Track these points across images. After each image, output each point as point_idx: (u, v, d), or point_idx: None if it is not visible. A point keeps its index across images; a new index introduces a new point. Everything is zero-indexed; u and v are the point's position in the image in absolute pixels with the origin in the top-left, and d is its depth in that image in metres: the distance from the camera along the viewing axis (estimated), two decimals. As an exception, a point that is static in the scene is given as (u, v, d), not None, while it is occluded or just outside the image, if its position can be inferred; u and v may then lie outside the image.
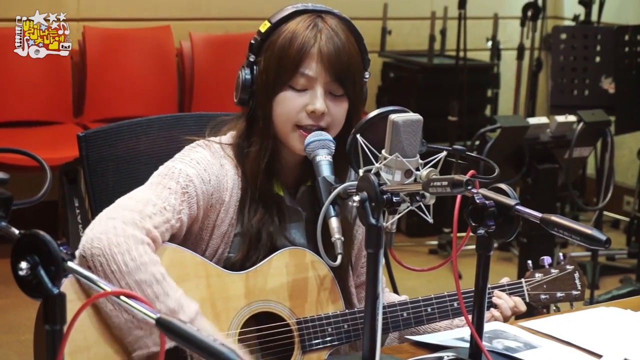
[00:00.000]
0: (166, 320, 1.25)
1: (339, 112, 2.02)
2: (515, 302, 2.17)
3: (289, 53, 1.99)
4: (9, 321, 4.31)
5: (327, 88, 2.01)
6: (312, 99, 2.00)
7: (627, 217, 5.94)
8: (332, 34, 2.00)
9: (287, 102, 2.00)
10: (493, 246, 1.83)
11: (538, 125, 3.92)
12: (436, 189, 1.60)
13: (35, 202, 1.65)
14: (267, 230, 2.03)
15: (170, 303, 1.83)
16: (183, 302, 1.85)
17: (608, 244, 1.64)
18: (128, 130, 2.27)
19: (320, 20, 2.02)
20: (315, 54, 1.99)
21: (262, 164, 2.03)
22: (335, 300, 2.05)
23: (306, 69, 1.99)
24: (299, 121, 2.00)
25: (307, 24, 2.01)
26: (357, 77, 2.04)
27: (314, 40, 1.99)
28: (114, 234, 1.84)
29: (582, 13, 5.99)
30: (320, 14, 2.03)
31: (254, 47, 2.04)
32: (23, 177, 3.70)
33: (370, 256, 1.67)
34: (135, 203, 1.92)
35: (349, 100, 2.03)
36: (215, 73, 5.31)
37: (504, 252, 5.47)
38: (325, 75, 1.99)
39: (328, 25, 2.01)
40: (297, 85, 2.00)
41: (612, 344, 2.05)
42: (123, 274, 1.81)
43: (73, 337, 1.72)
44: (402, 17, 6.21)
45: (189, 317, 1.83)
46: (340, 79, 2.00)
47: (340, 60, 1.99)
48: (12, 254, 1.31)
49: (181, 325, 1.24)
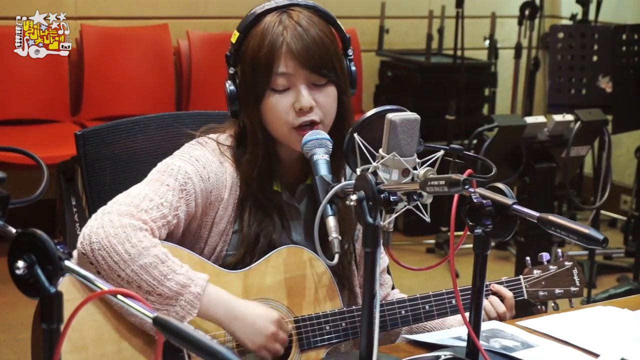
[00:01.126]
0: (163, 319, 1.25)
1: (328, 101, 2.01)
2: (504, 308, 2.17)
3: (260, 57, 1.98)
4: (6, 320, 4.31)
5: (308, 81, 2.00)
6: (296, 96, 1.99)
7: (624, 216, 5.94)
8: (297, 27, 1.98)
9: (274, 106, 2.00)
10: (490, 245, 1.83)
11: (535, 125, 3.92)
12: (434, 188, 1.60)
13: (33, 201, 1.65)
14: (266, 235, 2.04)
15: (180, 278, 1.85)
16: (192, 275, 1.87)
17: (605, 243, 1.64)
18: (125, 129, 2.27)
19: (286, 15, 2.00)
20: (284, 52, 1.98)
21: (254, 172, 2.03)
22: (333, 298, 2.05)
23: (280, 68, 1.98)
24: (292, 122, 2.00)
25: (273, 23, 1.99)
26: (335, 61, 2.02)
27: (282, 38, 1.97)
28: (110, 226, 1.85)
29: (580, 12, 5.99)
30: (284, 9, 2.02)
31: (230, 59, 2.04)
32: (20, 175, 3.71)
33: (368, 255, 1.67)
34: (131, 199, 1.93)
35: (335, 84, 2.03)
36: (212, 72, 5.30)
37: (502, 251, 5.47)
38: (302, 70, 1.98)
39: (293, 20, 1.99)
40: (278, 86, 1.99)
41: (610, 343, 2.05)
42: (127, 262, 1.82)
43: (70, 336, 1.72)
44: (400, 16, 6.21)
45: (201, 287, 1.86)
46: (317, 69, 1.99)
47: (311, 52, 1.98)
48: (9, 252, 1.31)
49: (178, 324, 1.24)
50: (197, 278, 1.87)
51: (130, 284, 1.83)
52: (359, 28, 5.71)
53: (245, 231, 2.03)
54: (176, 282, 1.85)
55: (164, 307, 1.84)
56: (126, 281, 1.83)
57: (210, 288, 1.89)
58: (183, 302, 1.85)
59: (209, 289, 1.88)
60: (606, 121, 4.14)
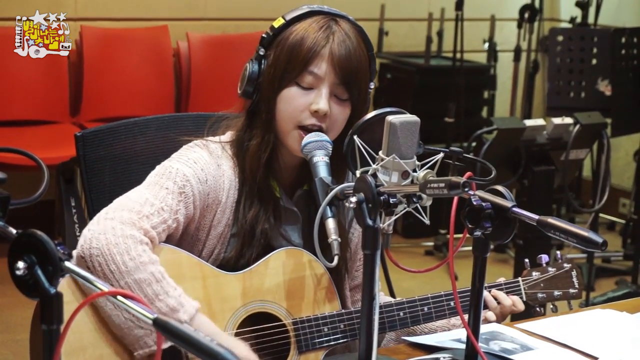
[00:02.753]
0: (163, 320, 1.25)
1: (340, 116, 2.02)
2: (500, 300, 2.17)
3: (300, 50, 1.99)
4: (6, 320, 4.31)
5: (333, 90, 2.01)
6: (316, 98, 2.00)
7: (623, 219, 5.94)
8: (345, 38, 2.01)
9: (292, 99, 2.01)
10: (489, 248, 1.83)
11: (534, 127, 3.92)
12: (433, 191, 1.60)
13: (33, 202, 1.65)
14: (261, 227, 2.03)
15: (171, 301, 1.84)
16: (183, 301, 1.85)
17: (604, 246, 1.64)
18: (125, 130, 2.27)
19: (334, 23, 2.03)
20: (326, 55, 1.99)
21: (262, 157, 2.03)
22: (332, 300, 2.05)
23: (315, 67, 1.99)
24: (301, 120, 2.00)
25: (321, 25, 2.01)
26: (363, 83, 2.04)
27: (326, 41, 2.00)
28: (112, 234, 1.84)
29: (579, 15, 5.99)
30: (334, 17, 2.04)
31: (265, 41, 2.04)
32: (20, 176, 3.70)
33: (367, 257, 1.67)
34: (133, 203, 1.92)
35: (352, 106, 2.04)
36: (212, 73, 5.30)
37: (500, 253, 5.47)
38: (333, 77, 2.00)
39: (342, 29, 2.02)
40: (304, 82, 2.00)
41: (608, 346, 2.05)
42: (122, 274, 1.82)
43: (69, 338, 1.72)
44: (399, 18, 6.21)
45: (189, 315, 1.84)
46: (347, 82, 2.01)
47: (350, 64, 2.00)
48: (9, 253, 1.31)
49: (178, 325, 1.24)
50: (187, 305, 1.86)
51: None
52: (358, 30, 5.70)
53: (240, 221, 2.03)
54: (166, 304, 1.83)
55: (148, 327, 1.82)
56: None
57: (198, 318, 1.87)
58: None
59: (197, 319, 1.86)
60: (605, 124, 4.14)
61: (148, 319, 1.26)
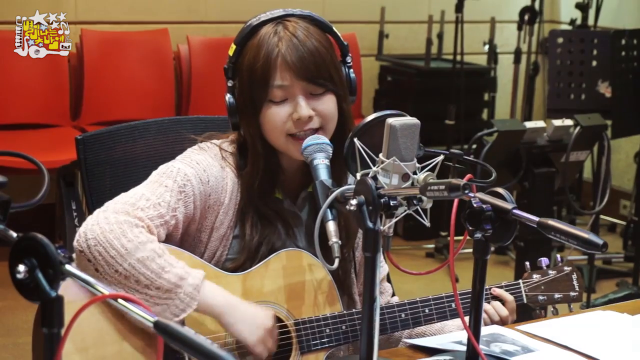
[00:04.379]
0: (164, 323, 1.25)
1: (327, 108, 2.02)
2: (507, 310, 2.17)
3: (256, 69, 1.98)
4: (6, 324, 4.31)
5: (306, 91, 2.00)
6: (295, 107, 1.99)
7: (623, 220, 5.94)
8: (292, 39, 1.98)
9: (272, 116, 2.00)
10: (490, 250, 1.84)
11: (535, 129, 3.92)
12: (433, 193, 1.60)
13: (34, 205, 1.65)
14: (268, 243, 2.04)
15: (177, 271, 1.86)
16: (188, 269, 1.88)
17: (605, 247, 1.64)
18: (125, 134, 2.27)
19: (281, 26, 2.00)
20: (280, 64, 1.98)
21: (255, 183, 2.03)
22: (333, 302, 2.05)
23: (277, 80, 1.98)
24: (289, 130, 2.00)
25: (268, 35, 2.00)
26: (332, 70, 2.02)
27: (277, 50, 1.97)
28: (106, 223, 1.86)
29: (579, 17, 5.99)
30: (280, 20, 2.02)
31: (228, 72, 2.04)
32: (21, 180, 3.70)
33: (368, 260, 1.67)
34: (128, 198, 1.94)
35: (334, 93, 2.03)
36: (212, 76, 5.30)
37: (501, 255, 5.47)
38: (298, 81, 1.99)
39: (288, 31, 1.99)
40: (276, 97, 1.99)
41: (609, 348, 2.05)
42: (124, 257, 1.83)
43: (71, 338, 1.72)
44: (400, 21, 6.21)
45: (199, 279, 1.87)
46: (314, 79, 1.99)
47: (306, 62, 1.98)
48: (9, 257, 1.31)
49: (179, 328, 1.24)
50: (194, 272, 1.89)
51: (128, 278, 1.83)
52: (358, 33, 5.71)
53: (247, 239, 2.03)
54: (174, 274, 1.85)
55: (164, 302, 1.85)
56: (124, 276, 1.83)
57: (207, 281, 1.90)
58: (182, 295, 1.85)
59: (207, 282, 1.90)
60: (605, 126, 4.15)
61: (149, 321, 1.26)
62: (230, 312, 1.90)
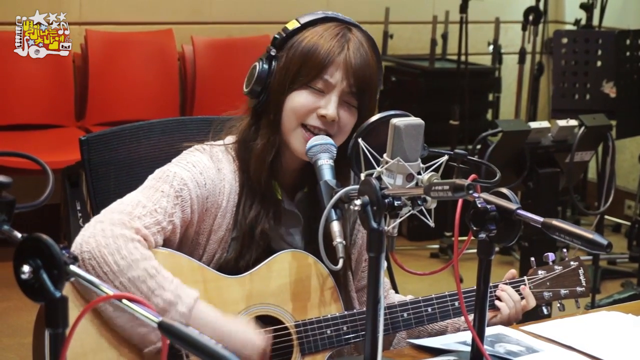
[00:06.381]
0: (168, 324, 1.25)
1: (348, 122, 2.03)
2: (524, 295, 2.16)
3: (315, 56, 2.00)
4: (12, 324, 4.31)
5: (342, 96, 2.01)
6: (326, 103, 2.00)
7: (628, 221, 5.94)
8: (359, 46, 2.02)
9: (301, 99, 2.01)
10: (494, 250, 1.83)
11: (539, 130, 3.92)
12: (438, 193, 1.60)
13: (38, 206, 1.65)
14: (260, 228, 2.03)
15: (167, 295, 1.84)
16: (180, 292, 1.85)
17: (609, 248, 1.64)
18: (130, 134, 2.27)
19: (349, 31, 2.04)
20: (341, 63, 2.00)
21: (268, 158, 2.03)
22: (336, 302, 2.05)
23: (328, 75, 2.00)
24: (306, 120, 2.00)
25: (336, 32, 2.02)
26: (373, 92, 2.05)
27: (341, 49, 2.00)
28: (102, 236, 1.85)
29: (584, 17, 5.99)
30: (348, 26, 2.05)
31: (277, 42, 2.04)
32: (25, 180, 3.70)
33: (372, 260, 1.68)
34: (124, 206, 1.93)
35: (359, 113, 2.04)
36: (217, 77, 5.31)
37: (505, 256, 5.47)
38: (345, 85, 2.00)
39: (356, 38, 2.03)
40: (315, 86, 2.01)
41: (614, 348, 2.05)
42: (116, 274, 1.82)
43: (71, 344, 1.72)
44: (404, 21, 6.21)
45: (188, 307, 1.84)
46: (359, 91, 2.02)
47: (364, 73, 2.01)
48: (14, 257, 1.31)
49: (183, 328, 1.24)
50: (185, 296, 1.86)
51: None
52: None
53: (240, 221, 2.02)
54: (163, 299, 1.83)
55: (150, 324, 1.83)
56: None
57: (199, 306, 1.87)
58: None
59: (197, 308, 1.86)
60: (610, 126, 4.14)
61: (153, 322, 1.26)
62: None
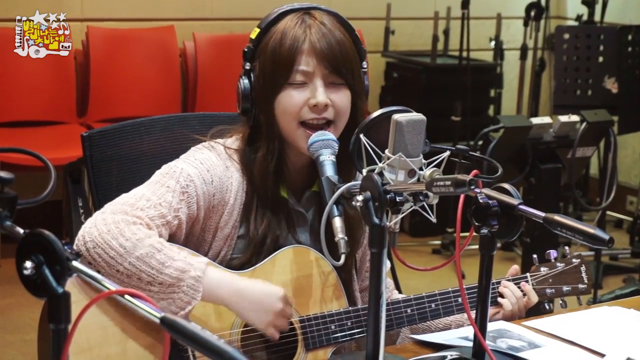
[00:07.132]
0: (170, 319, 1.25)
1: (342, 101, 2.02)
2: (525, 291, 2.17)
3: (282, 52, 2.00)
4: (14, 321, 4.32)
5: (326, 80, 2.01)
6: (312, 92, 2.00)
7: (630, 216, 5.93)
8: (321, 27, 2.01)
9: (289, 99, 2.01)
10: (496, 246, 1.84)
11: (541, 125, 3.92)
12: (439, 189, 1.60)
13: (40, 202, 1.65)
14: (272, 236, 2.04)
15: (178, 264, 1.85)
16: (190, 260, 1.87)
17: (611, 243, 1.64)
18: (131, 131, 2.27)
19: (308, 16, 2.03)
20: (307, 49, 2.00)
21: (270, 167, 2.03)
22: (339, 299, 2.05)
23: (301, 65, 2.00)
24: (302, 116, 2.00)
25: (295, 22, 2.02)
26: (354, 65, 2.04)
27: (305, 36, 2.00)
28: (103, 224, 1.86)
29: (585, 13, 5.99)
30: (307, 11, 2.05)
31: (248, 55, 2.05)
32: (27, 176, 3.71)
33: (374, 256, 1.68)
34: (127, 199, 1.94)
35: (350, 89, 2.04)
36: (218, 73, 5.31)
37: (507, 251, 5.47)
38: (322, 67, 2.00)
39: (316, 20, 2.03)
40: (295, 81, 2.01)
41: (616, 343, 2.05)
42: (123, 256, 1.83)
43: (76, 338, 1.73)
44: (405, 17, 6.20)
45: (200, 270, 1.86)
46: (337, 68, 2.01)
47: (333, 50, 2.00)
48: (17, 253, 1.32)
49: (185, 324, 1.24)
50: (196, 262, 1.88)
51: (131, 277, 1.84)
52: (364, 29, 5.68)
53: (252, 232, 2.03)
54: (175, 268, 1.85)
55: (168, 296, 1.85)
56: (126, 275, 1.83)
57: (210, 270, 1.89)
58: (185, 288, 1.84)
59: (210, 271, 1.89)
60: (612, 122, 4.14)
61: (155, 317, 1.27)
62: (236, 301, 1.90)
